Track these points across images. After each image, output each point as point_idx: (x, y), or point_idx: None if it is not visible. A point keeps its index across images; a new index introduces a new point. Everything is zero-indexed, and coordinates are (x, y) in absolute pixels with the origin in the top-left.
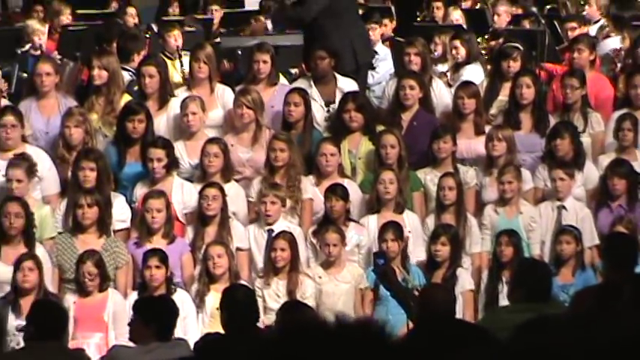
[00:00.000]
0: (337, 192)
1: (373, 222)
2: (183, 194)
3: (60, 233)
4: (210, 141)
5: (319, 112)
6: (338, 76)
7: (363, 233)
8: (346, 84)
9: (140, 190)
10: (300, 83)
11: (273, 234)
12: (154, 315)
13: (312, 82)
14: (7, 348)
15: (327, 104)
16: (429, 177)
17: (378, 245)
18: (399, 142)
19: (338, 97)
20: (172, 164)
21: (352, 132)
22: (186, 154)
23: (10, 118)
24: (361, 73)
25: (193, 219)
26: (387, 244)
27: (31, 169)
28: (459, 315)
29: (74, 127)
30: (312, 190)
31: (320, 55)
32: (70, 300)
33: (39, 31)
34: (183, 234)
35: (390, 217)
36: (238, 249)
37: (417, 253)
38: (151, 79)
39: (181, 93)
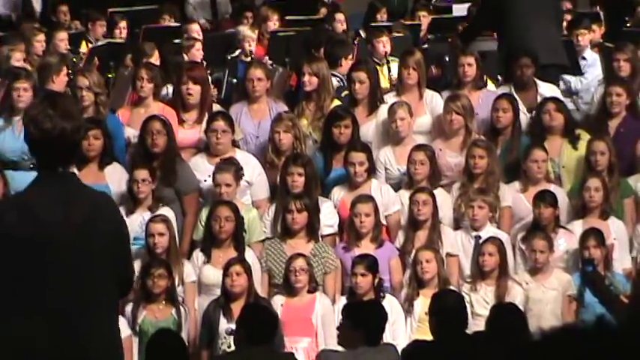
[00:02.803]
0: (546, 199)
1: (579, 228)
2: (382, 197)
3: (269, 238)
4: (417, 148)
5: (522, 119)
6: (538, 82)
7: (571, 240)
8: (547, 90)
9: (338, 194)
10: (502, 90)
11: (481, 240)
12: (363, 320)
13: (512, 89)
14: (219, 351)
15: (529, 111)
16: (639, 184)
17: (580, 252)
18: (609, 148)
19: None
20: (372, 169)
21: (552, 134)
22: (395, 160)
23: (220, 124)
24: (546, 75)
25: (398, 223)
26: (588, 251)
27: (238, 173)
28: None
29: (284, 133)
30: (514, 196)
31: (525, 63)
32: (278, 302)
33: (249, 37)
34: (389, 238)
35: (594, 224)
36: (448, 254)
37: (623, 260)
38: (361, 84)
39: (390, 99)
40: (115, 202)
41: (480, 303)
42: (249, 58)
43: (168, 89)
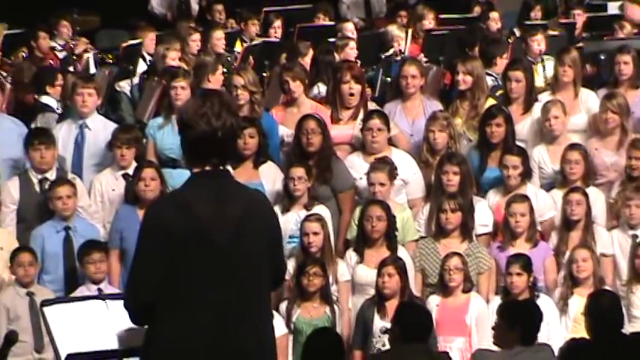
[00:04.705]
0: None
1: None
2: (537, 202)
3: (423, 238)
4: (571, 147)
5: None
6: None
7: None
8: None
9: (493, 197)
10: None
11: (638, 239)
12: (518, 319)
13: None
14: (373, 350)
15: None
16: None
17: None
18: None
19: None
20: (527, 173)
21: None
22: (549, 158)
23: (376, 122)
24: None
25: (552, 227)
26: None
27: (392, 173)
28: None
29: (438, 132)
30: None
31: None
32: (433, 302)
33: (398, 37)
34: (543, 239)
35: None
36: (602, 254)
37: None
38: (517, 83)
39: (544, 97)
40: (268, 200)
41: (636, 305)
42: (399, 58)
43: (319, 88)
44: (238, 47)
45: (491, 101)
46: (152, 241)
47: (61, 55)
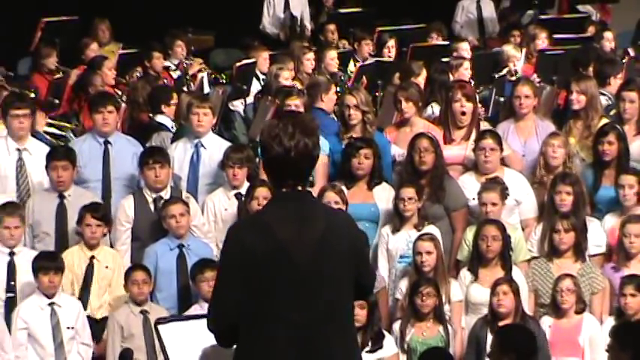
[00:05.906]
0: None
1: None
2: None
3: (535, 258)
4: None
5: None
6: None
7: None
8: None
9: (609, 221)
10: None
11: None
12: (630, 341)
13: None
14: None
15: None
16: None
17: None
18: None
19: None
20: None
21: None
22: None
23: (489, 142)
24: None
25: None
26: None
27: (503, 193)
28: None
29: (557, 148)
30: None
31: None
32: (546, 323)
33: (514, 57)
34: None
35: None
36: None
37: None
38: (631, 104)
39: None
40: (352, 218)
41: None
42: (514, 78)
43: (433, 108)
44: (352, 67)
45: (604, 121)
46: (232, 264)
47: (174, 74)
